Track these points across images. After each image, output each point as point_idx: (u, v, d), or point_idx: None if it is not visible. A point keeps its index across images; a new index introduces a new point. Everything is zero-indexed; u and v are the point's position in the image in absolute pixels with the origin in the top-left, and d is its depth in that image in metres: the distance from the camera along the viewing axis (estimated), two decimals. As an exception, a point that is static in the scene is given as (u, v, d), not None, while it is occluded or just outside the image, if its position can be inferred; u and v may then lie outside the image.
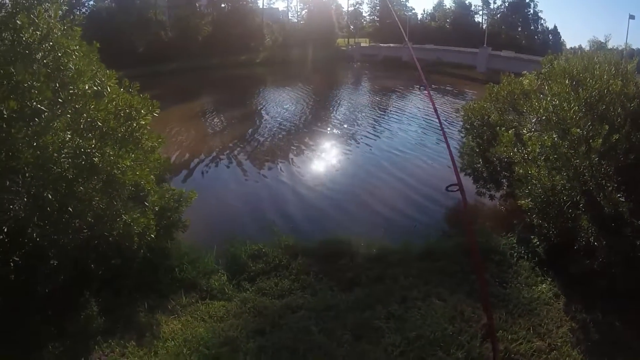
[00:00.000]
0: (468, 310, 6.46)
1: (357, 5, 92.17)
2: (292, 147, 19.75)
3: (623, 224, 6.38)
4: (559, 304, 6.81)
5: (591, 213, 6.66)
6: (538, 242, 8.00)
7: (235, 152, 19.15)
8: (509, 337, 5.96)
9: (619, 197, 6.31)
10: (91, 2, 59.72)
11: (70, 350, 5.67)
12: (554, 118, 7.37)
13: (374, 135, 22.00)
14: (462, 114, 11.84)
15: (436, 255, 8.42)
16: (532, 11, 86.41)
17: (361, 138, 21.37)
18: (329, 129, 23.73)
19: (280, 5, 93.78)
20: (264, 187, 14.73)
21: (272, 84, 44.87)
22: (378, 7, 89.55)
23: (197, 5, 68.32)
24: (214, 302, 7.14)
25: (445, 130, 20.58)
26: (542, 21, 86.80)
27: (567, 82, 7.56)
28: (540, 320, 6.40)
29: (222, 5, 70.32)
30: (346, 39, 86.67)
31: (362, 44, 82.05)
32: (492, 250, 8.22)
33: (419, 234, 10.01)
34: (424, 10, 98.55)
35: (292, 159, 18.08)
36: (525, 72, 10.03)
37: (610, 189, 6.48)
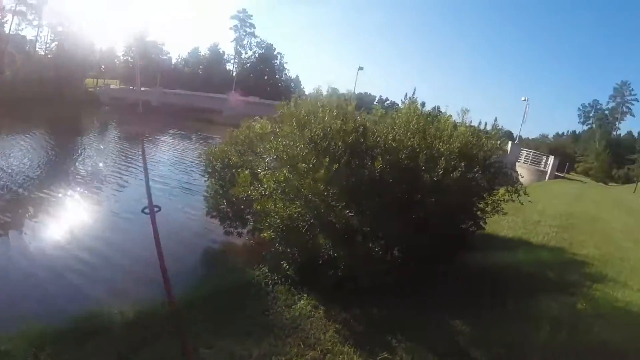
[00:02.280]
0: (238, 349, 6.48)
1: (112, 44, 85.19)
2: (27, 210, 16.07)
3: (355, 233, 7.59)
4: (320, 313, 7.52)
5: (326, 231, 7.65)
6: (287, 266, 8.68)
7: None
8: (283, 358, 6.21)
9: (348, 212, 7.38)
10: None
11: None
12: (285, 156, 8.24)
13: (119, 187, 20.56)
14: (204, 157, 12.14)
15: (196, 303, 8.06)
16: (278, 62, 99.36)
17: (106, 191, 19.63)
18: (72, 183, 20.69)
19: (30, 34, 77.86)
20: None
21: (6, 130, 36.16)
22: (134, 48, 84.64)
23: None
24: None
25: (191, 175, 20.59)
26: (287, 71, 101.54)
27: (294, 124, 8.49)
28: (306, 333, 6.91)
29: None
30: (95, 79, 78.97)
31: (112, 86, 76.41)
32: (248, 284, 8.62)
33: (180, 286, 9.56)
34: (178, 55, 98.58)
35: (27, 223, 14.57)
36: (257, 116, 11.12)
37: (339, 207, 7.51)
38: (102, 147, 33.58)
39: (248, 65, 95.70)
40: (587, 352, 6.93)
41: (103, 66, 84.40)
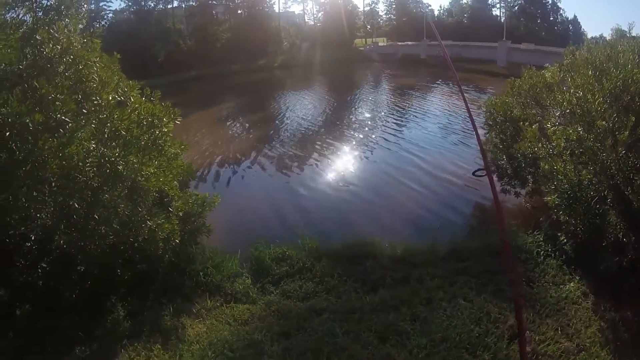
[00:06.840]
0: (495, 311, 6.34)
1: (373, 5, 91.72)
2: (314, 150, 19.84)
3: (655, 219, 6.12)
4: (587, 303, 6.59)
5: (620, 208, 6.48)
6: (565, 240, 7.72)
7: (257, 156, 19.41)
8: (537, 337, 5.83)
9: (649, 190, 6.02)
10: (110, 15, 62.07)
11: (97, 354, 5.82)
12: (579, 111, 7.07)
13: (394, 135, 21.83)
14: (484, 109, 11.61)
15: (462, 255, 8.29)
16: (550, 1, 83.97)
17: (381, 138, 21.23)
18: (349, 130, 23.65)
19: (297, 9, 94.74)
20: (286, 189, 14.85)
21: (291, 87, 44.97)
22: (394, 6, 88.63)
23: (214, 12, 69.48)
24: (238, 305, 7.20)
25: (466, 128, 19.69)
26: (562, 11, 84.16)
27: (590, 73, 7.23)
28: (568, 320, 6.22)
29: (239, 12, 71.57)
30: (364, 39, 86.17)
31: (380, 44, 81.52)
32: (518, 249, 8.02)
33: (444, 234, 9.77)
34: (440, 7, 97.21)
35: (313, 161, 18.17)
36: (547, 64, 9.73)
37: (638, 182, 6.25)
38: (376, 98, 36.83)
39: (516, 8, 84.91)
40: None
41: (369, 26, 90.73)
